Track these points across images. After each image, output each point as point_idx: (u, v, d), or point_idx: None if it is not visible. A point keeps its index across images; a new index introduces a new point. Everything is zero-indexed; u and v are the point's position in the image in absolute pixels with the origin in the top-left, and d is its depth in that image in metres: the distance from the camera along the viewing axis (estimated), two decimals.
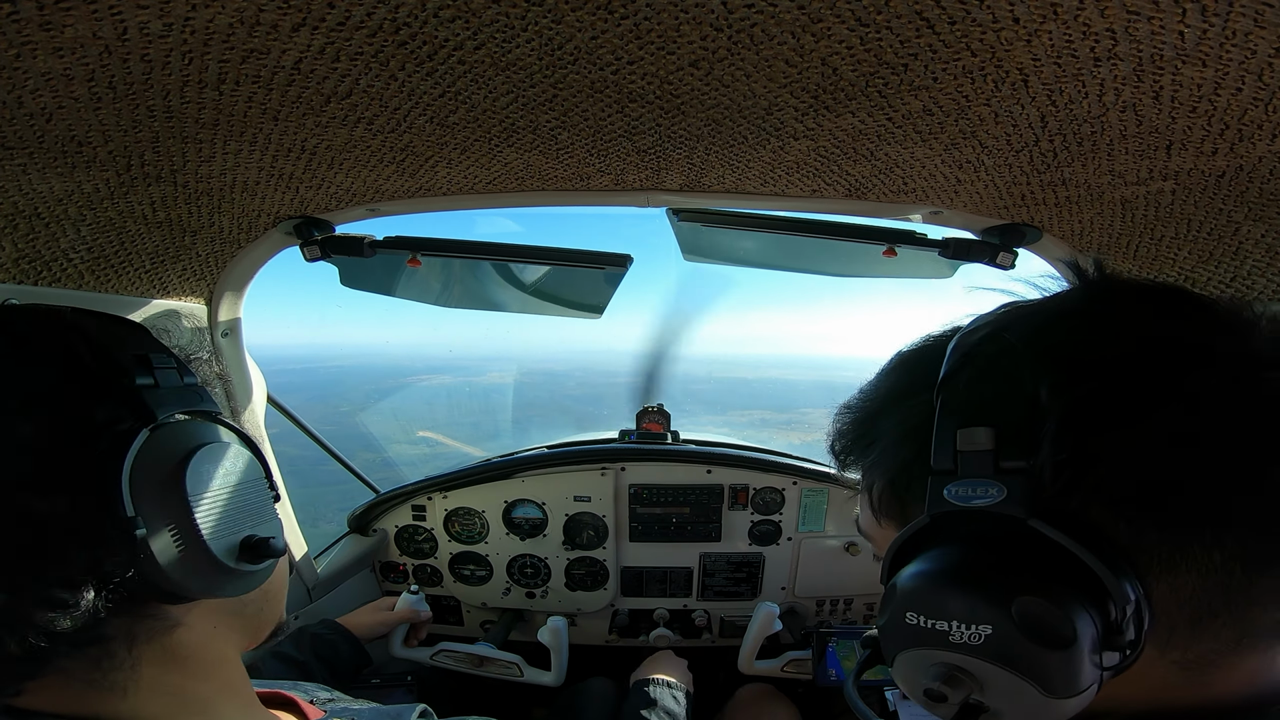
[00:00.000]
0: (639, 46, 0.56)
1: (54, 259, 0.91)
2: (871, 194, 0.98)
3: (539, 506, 1.92)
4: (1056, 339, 0.42)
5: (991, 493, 0.39)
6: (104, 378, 0.47)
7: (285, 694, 0.65)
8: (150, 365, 0.50)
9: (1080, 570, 0.36)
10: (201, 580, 0.48)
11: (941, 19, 0.51)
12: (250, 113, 0.66)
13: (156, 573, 0.45)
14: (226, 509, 0.51)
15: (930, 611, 0.40)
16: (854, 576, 1.98)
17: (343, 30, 0.52)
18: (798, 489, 1.92)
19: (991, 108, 0.66)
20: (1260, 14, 0.46)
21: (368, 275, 1.49)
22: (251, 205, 0.97)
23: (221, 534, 0.49)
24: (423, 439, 12.11)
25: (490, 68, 0.60)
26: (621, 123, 0.74)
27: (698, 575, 1.99)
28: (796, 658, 1.76)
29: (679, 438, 2.05)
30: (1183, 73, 0.55)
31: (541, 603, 2.00)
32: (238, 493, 0.52)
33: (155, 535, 0.45)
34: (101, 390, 0.47)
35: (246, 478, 0.54)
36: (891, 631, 0.42)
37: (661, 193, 1.02)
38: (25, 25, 0.47)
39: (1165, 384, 0.38)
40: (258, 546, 0.52)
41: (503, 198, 1.03)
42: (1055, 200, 0.92)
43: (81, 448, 0.44)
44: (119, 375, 0.48)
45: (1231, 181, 0.75)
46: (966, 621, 0.38)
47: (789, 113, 0.69)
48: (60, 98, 0.58)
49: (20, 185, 0.75)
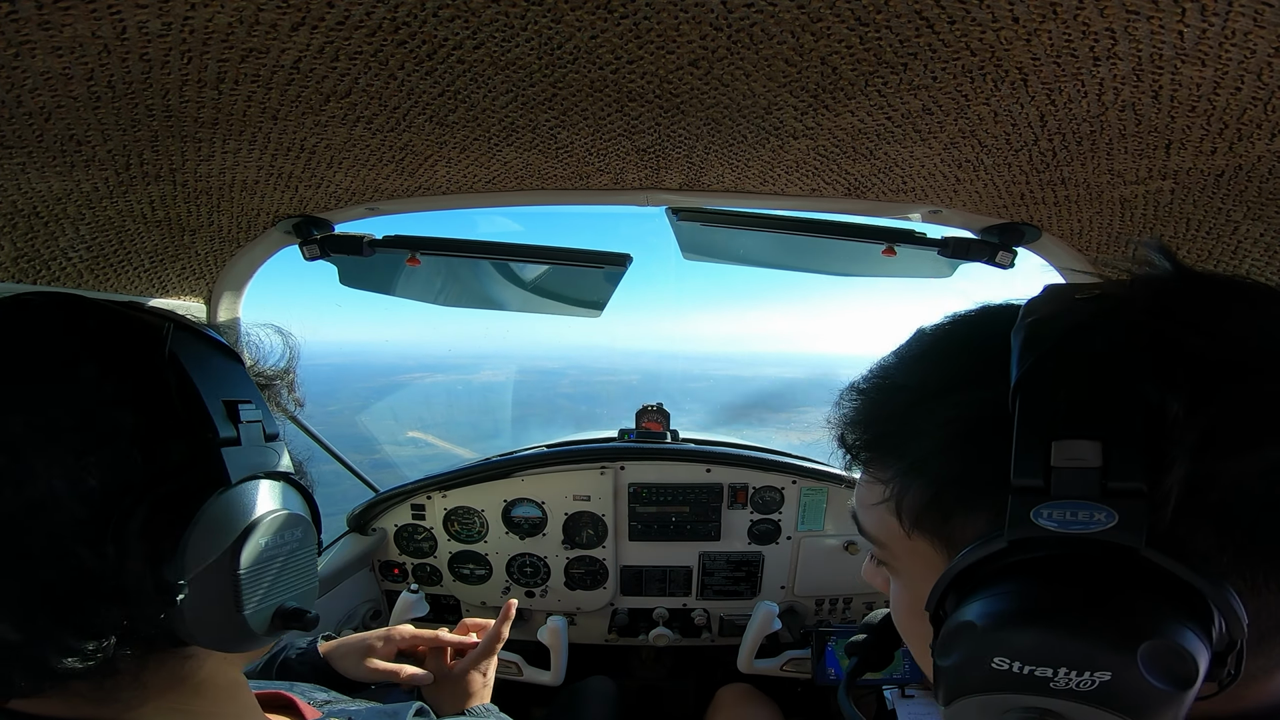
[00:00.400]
0: (638, 46, 0.56)
1: (53, 258, 0.91)
2: (871, 193, 0.98)
3: (538, 505, 1.92)
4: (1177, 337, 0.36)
5: (1099, 518, 0.34)
6: (186, 424, 0.44)
7: (285, 695, 0.65)
8: (238, 417, 0.47)
9: (1196, 602, 0.33)
10: (227, 642, 0.46)
11: (941, 18, 0.51)
12: (249, 112, 0.66)
13: (184, 630, 0.42)
14: (271, 580, 0.48)
15: (1032, 658, 0.34)
16: (853, 575, 1.98)
17: (342, 29, 0.52)
18: (797, 488, 1.92)
19: (991, 107, 0.66)
20: (1259, 14, 0.46)
21: (367, 274, 1.49)
22: (251, 204, 0.97)
23: (259, 604, 0.47)
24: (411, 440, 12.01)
25: (490, 67, 0.60)
26: (621, 122, 0.74)
27: (697, 574, 1.99)
28: (796, 657, 1.76)
29: (678, 436, 2.05)
30: (1182, 72, 0.55)
31: (541, 602, 2.00)
32: (286, 563, 0.50)
33: (195, 601, 0.42)
34: (181, 440, 0.44)
35: (299, 546, 0.51)
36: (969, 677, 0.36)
37: (661, 192, 1.02)
38: (24, 24, 0.47)
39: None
40: (289, 616, 0.50)
41: (502, 197, 1.03)
42: (1054, 199, 0.92)
43: (144, 503, 0.41)
44: (204, 427, 0.44)
45: (1230, 181, 0.75)
46: (1080, 668, 0.33)
47: (788, 112, 0.69)
48: (59, 97, 0.58)
49: (19, 184, 0.74)
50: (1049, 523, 0.35)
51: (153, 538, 0.41)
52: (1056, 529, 0.35)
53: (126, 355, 0.44)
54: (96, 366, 0.42)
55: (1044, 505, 0.35)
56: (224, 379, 0.48)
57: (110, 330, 0.45)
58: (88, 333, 0.43)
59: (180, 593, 0.41)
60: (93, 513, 0.39)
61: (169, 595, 0.41)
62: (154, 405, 0.43)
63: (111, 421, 0.41)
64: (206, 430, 0.44)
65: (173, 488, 0.42)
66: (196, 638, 0.43)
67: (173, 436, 0.43)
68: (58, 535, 0.38)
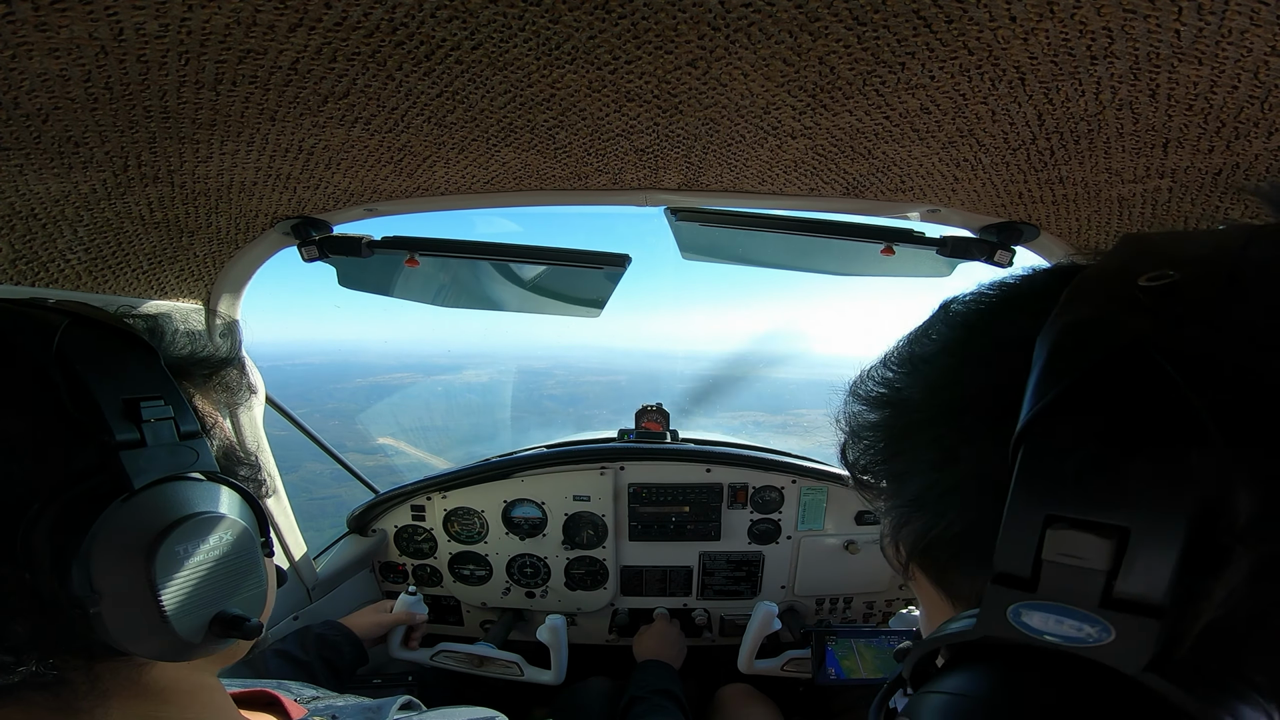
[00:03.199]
0: (636, 46, 0.56)
1: (51, 260, 0.91)
2: (869, 192, 0.98)
3: (538, 506, 1.92)
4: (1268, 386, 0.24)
5: (1092, 632, 0.26)
6: (81, 428, 0.41)
7: (270, 692, 0.64)
8: (139, 416, 0.43)
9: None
10: (164, 649, 0.43)
11: (938, 17, 0.51)
12: (247, 113, 0.66)
13: (114, 641, 0.40)
14: (201, 586, 0.45)
15: None
16: (854, 575, 1.98)
17: (340, 30, 0.52)
18: (796, 487, 1.92)
19: (989, 106, 0.66)
20: (1256, 12, 0.46)
21: (365, 275, 1.49)
22: (249, 206, 0.97)
23: (190, 611, 0.44)
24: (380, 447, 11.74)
25: (488, 67, 0.60)
26: (619, 122, 0.74)
27: (697, 574, 1.99)
28: (796, 657, 1.76)
29: (678, 436, 2.05)
30: (1179, 71, 0.55)
31: (541, 602, 2.00)
32: (218, 566, 0.46)
33: (113, 611, 0.40)
34: (75, 443, 0.41)
35: (232, 550, 0.47)
36: None
37: (659, 192, 1.02)
38: (21, 26, 0.47)
39: None
40: (229, 624, 0.46)
41: (501, 197, 1.03)
42: (1052, 198, 0.92)
43: (39, 515, 0.38)
44: (99, 429, 0.41)
45: (1228, 179, 0.75)
46: None
47: (786, 111, 0.69)
48: (56, 98, 0.58)
49: (17, 186, 0.74)
50: (1029, 625, 0.27)
51: (55, 550, 0.38)
52: (1035, 636, 0.27)
53: (9, 354, 0.40)
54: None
55: (1025, 604, 0.27)
56: (127, 374, 0.44)
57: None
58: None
59: (93, 605, 0.39)
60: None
61: (80, 608, 0.39)
62: (43, 408, 0.40)
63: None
64: (102, 433, 0.41)
65: (72, 496, 0.39)
66: (131, 649, 0.41)
67: (68, 441, 0.40)
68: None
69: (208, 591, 0.46)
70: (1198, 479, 0.24)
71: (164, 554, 0.42)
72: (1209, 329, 0.26)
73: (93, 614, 0.39)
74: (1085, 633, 0.26)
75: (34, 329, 0.42)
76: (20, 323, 0.42)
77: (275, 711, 0.63)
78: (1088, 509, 0.25)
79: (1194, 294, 0.27)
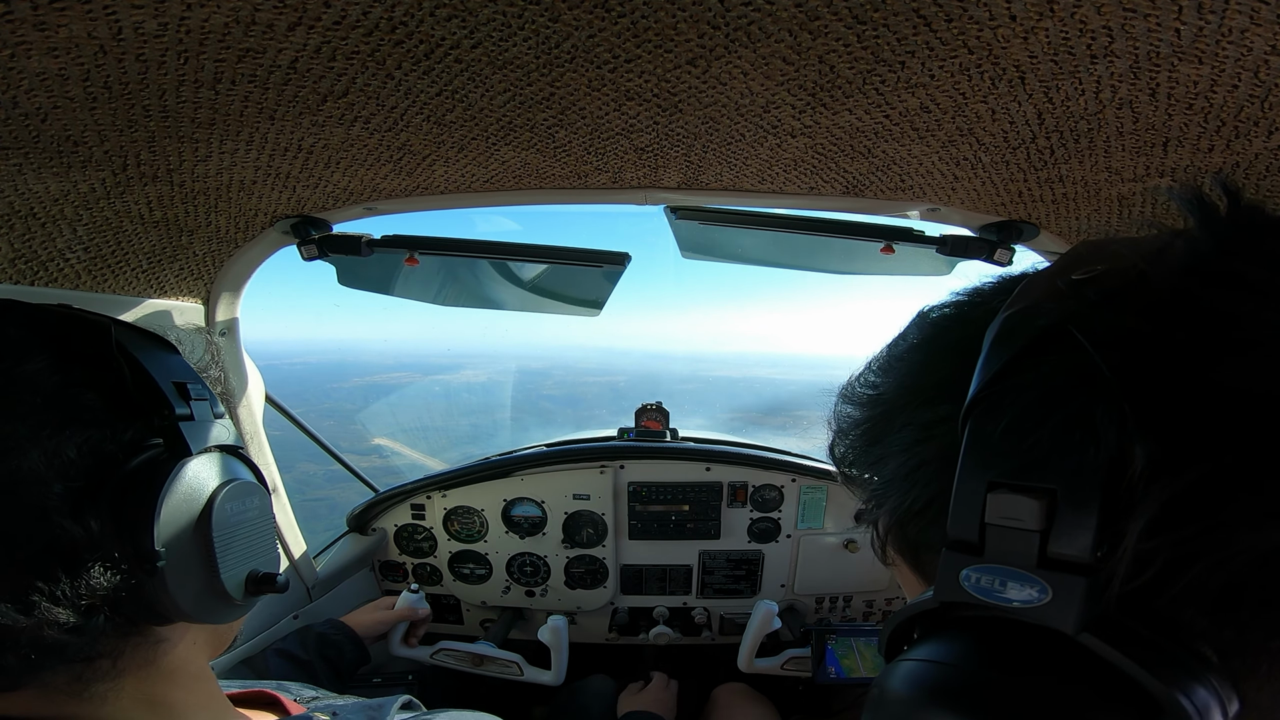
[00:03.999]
0: (636, 45, 0.56)
1: (50, 259, 0.90)
2: (869, 191, 0.98)
3: (538, 505, 1.92)
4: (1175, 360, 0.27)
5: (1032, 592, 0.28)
6: (146, 405, 0.47)
7: (269, 692, 0.65)
8: (188, 395, 0.50)
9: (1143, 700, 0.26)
10: (206, 610, 0.49)
11: (938, 16, 0.51)
12: (246, 112, 0.66)
13: (167, 601, 0.45)
14: (241, 545, 0.52)
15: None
16: (853, 573, 1.98)
17: (339, 29, 0.52)
18: (796, 486, 1.92)
19: (988, 105, 0.66)
20: (1256, 11, 0.46)
21: (365, 274, 1.49)
22: (248, 204, 0.97)
23: (233, 569, 0.51)
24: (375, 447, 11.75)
25: (487, 66, 0.60)
26: (619, 121, 0.74)
27: (697, 573, 1.99)
28: (796, 655, 1.76)
29: (678, 435, 2.05)
30: (1179, 69, 0.55)
31: (541, 601, 2.00)
32: (251, 529, 0.53)
33: (174, 568, 0.45)
34: (141, 418, 0.47)
35: (258, 515, 0.55)
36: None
37: (659, 190, 1.02)
38: (20, 25, 0.47)
39: None
40: (262, 581, 0.53)
41: (500, 196, 1.03)
42: (1052, 197, 0.92)
43: (119, 476, 0.43)
44: (160, 404, 0.48)
45: (1228, 178, 0.75)
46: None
47: (786, 110, 0.69)
48: (55, 98, 0.58)
49: (16, 185, 0.74)
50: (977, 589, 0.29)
51: (129, 507, 0.43)
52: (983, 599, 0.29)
53: (78, 345, 0.46)
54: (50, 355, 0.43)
55: (973, 568, 0.29)
56: (169, 365, 0.51)
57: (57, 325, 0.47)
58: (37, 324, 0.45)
59: (159, 559, 0.44)
60: (71, 486, 0.41)
61: (149, 562, 0.43)
62: (111, 387, 0.46)
63: (76, 401, 0.43)
64: (164, 408, 0.48)
65: (142, 460, 0.45)
66: (180, 606, 0.45)
67: (134, 415, 0.46)
68: (40, 507, 0.40)
69: (245, 549, 0.52)
70: (1102, 433, 0.26)
71: (219, 512, 0.49)
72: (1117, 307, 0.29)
73: (160, 568, 0.44)
74: (1026, 594, 0.28)
75: (90, 326, 0.48)
76: (76, 322, 0.48)
77: (275, 711, 0.63)
78: (1019, 473, 0.28)
79: (1110, 282, 0.30)
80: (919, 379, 0.39)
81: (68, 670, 0.43)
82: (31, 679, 0.42)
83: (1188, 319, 0.27)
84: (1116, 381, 0.27)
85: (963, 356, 0.34)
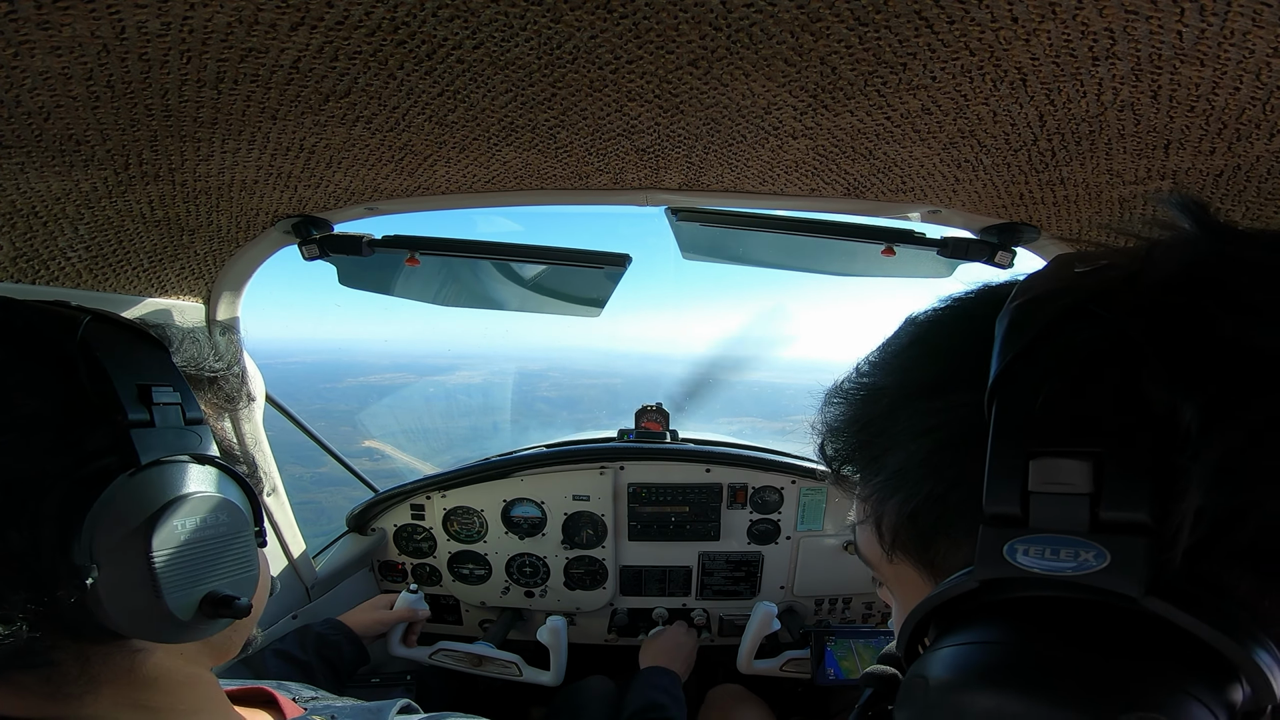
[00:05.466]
0: (638, 45, 0.56)
1: (52, 257, 0.91)
2: (870, 193, 0.98)
3: (538, 505, 1.92)
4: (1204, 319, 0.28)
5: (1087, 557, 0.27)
6: (97, 408, 0.44)
7: (266, 690, 0.65)
8: (150, 400, 0.46)
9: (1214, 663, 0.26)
10: (150, 630, 0.45)
11: (940, 18, 0.51)
12: (248, 111, 0.66)
13: (104, 616, 0.42)
14: (194, 564, 0.47)
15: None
16: (852, 575, 1.98)
17: (341, 29, 0.52)
18: (796, 488, 1.92)
19: (990, 107, 0.66)
20: (1258, 14, 0.46)
21: (366, 274, 1.49)
22: (250, 204, 0.97)
23: (181, 588, 0.46)
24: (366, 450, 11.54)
25: (489, 66, 0.60)
26: (620, 122, 0.74)
27: (696, 574, 1.99)
28: (795, 657, 1.76)
29: (678, 436, 2.05)
30: (1181, 72, 0.55)
31: (540, 602, 2.00)
32: (212, 547, 0.49)
33: (108, 583, 0.42)
34: (91, 423, 0.44)
35: (227, 531, 0.50)
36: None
37: (660, 192, 1.02)
38: (23, 24, 0.47)
39: None
40: (219, 603, 0.48)
41: (501, 197, 1.03)
42: (1053, 199, 0.92)
43: (52, 484, 0.41)
44: (113, 409, 0.44)
45: (1229, 181, 0.75)
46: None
47: (788, 111, 0.69)
48: (58, 96, 0.58)
49: (18, 184, 0.74)
50: (1026, 560, 0.28)
51: (63, 520, 0.41)
52: (1035, 569, 0.28)
53: (36, 344, 0.44)
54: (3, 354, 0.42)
55: (1020, 539, 0.28)
56: (141, 365, 0.48)
57: (22, 322, 0.45)
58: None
59: (88, 575, 0.41)
60: (7, 494, 0.40)
61: (77, 578, 0.41)
62: (66, 391, 0.43)
63: (22, 406, 0.41)
64: (116, 413, 0.44)
65: (85, 472, 0.42)
66: (121, 626, 0.43)
67: (88, 422, 0.44)
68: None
69: (200, 569, 0.48)
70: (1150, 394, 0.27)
71: (164, 530, 0.45)
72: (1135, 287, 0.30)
73: (89, 584, 0.41)
74: (1081, 559, 0.27)
75: (60, 322, 0.46)
76: (48, 317, 0.46)
77: (271, 710, 0.63)
78: (1062, 439, 0.28)
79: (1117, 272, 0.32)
80: (922, 370, 0.38)
81: (33, 672, 0.42)
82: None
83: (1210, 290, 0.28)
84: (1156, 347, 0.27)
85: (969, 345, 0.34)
